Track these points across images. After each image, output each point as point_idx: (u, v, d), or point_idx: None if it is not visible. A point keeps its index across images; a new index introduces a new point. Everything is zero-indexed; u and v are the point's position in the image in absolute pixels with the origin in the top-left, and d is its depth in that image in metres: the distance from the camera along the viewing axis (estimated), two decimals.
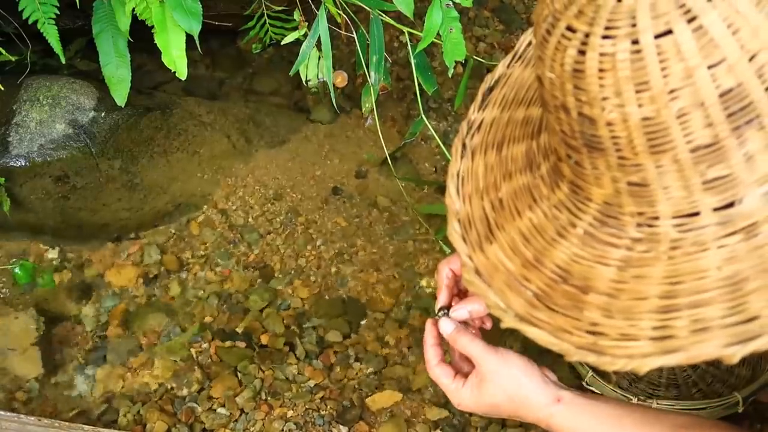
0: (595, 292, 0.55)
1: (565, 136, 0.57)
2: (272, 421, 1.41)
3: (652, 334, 0.51)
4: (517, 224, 0.62)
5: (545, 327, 0.56)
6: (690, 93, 0.50)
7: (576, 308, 0.55)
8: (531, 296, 0.59)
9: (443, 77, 1.70)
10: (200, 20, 1.37)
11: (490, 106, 0.71)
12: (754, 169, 0.51)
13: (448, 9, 1.41)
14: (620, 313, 0.54)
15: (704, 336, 0.49)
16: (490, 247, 0.62)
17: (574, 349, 0.55)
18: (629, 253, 0.55)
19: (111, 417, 1.44)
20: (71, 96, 1.60)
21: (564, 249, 0.58)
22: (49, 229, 1.64)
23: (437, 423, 1.40)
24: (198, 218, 1.68)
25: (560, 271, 0.58)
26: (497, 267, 0.61)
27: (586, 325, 0.55)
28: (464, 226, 0.65)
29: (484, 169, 0.67)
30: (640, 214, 0.55)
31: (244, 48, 1.89)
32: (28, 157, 1.55)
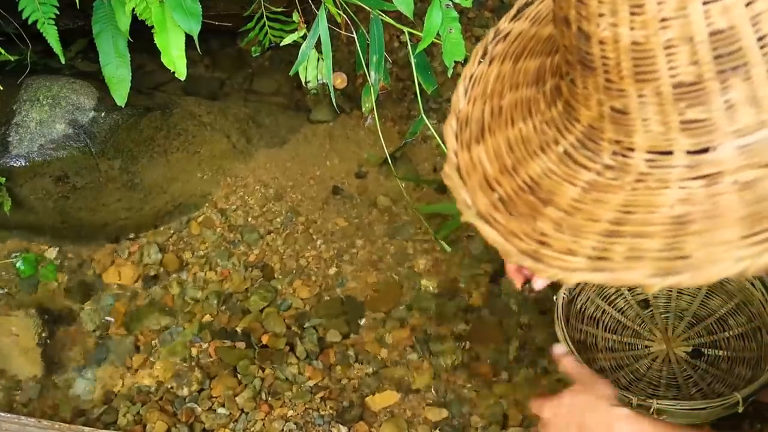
0: (554, 207, 0.57)
1: (565, 52, 0.58)
2: (272, 421, 1.41)
3: (590, 253, 0.54)
4: (507, 132, 0.64)
5: (498, 228, 0.59)
6: (681, 25, 0.50)
7: (532, 218, 0.58)
8: (496, 199, 0.61)
9: (443, 77, 1.69)
10: (200, 20, 1.37)
11: (522, 19, 0.73)
12: (734, 119, 0.52)
13: (448, 9, 1.41)
14: (570, 230, 0.56)
15: (635, 264, 0.51)
16: (476, 147, 0.65)
17: (516, 252, 0.57)
18: (597, 177, 0.57)
19: (111, 417, 1.44)
20: (71, 96, 1.60)
21: (541, 163, 0.60)
22: (49, 229, 1.65)
23: (437, 423, 1.40)
24: (198, 218, 1.68)
25: (531, 182, 0.60)
26: (476, 167, 0.64)
27: (536, 234, 0.57)
28: (461, 125, 0.67)
29: (497, 76, 0.69)
30: (617, 143, 0.56)
31: (244, 48, 1.89)
32: (28, 157, 1.55)
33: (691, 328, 1.43)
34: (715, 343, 1.41)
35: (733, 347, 1.39)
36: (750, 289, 1.37)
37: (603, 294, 1.44)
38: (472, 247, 1.59)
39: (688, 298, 1.44)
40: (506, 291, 1.53)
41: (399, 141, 1.72)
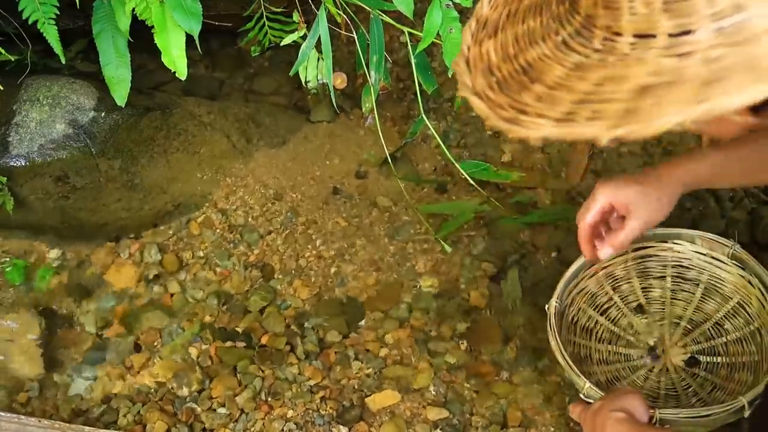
0: (540, 84, 0.62)
1: None
2: (272, 421, 1.41)
3: (559, 117, 0.58)
4: (516, 28, 0.69)
5: (488, 102, 0.65)
6: None
7: (518, 92, 0.63)
8: (493, 81, 0.67)
9: (443, 77, 1.69)
10: (200, 20, 1.37)
11: None
12: (712, 3, 0.54)
13: (448, 9, 1.41)
14: (548, 100, 0.60)
15: (594, 122, 0.56)
16: (487, 42, 0.71)
17: (495, 118, 0.62)
18: (585, 59, 0.61)
19: (111, 417, 1.44)
20: (71, 96, 1.60)
21: (539, 50, 0.65)
22: (50, 228, 1.65)
23: (437, 423, 1.40)
24: (198, 218, 1.68)
25: (526, 65, 0.65)
26: (482, 57, 0.70)
27: (518, 105, 0.62)
28: (479, 26, 0.74)
29: None
30: (607, 28, 0.59)
31: (244, 48, 1.89)
32: (28, 157, 1.55)
33: (688, 335, 1.41)
34: (713, 350, 1.39)
35: (732, 352, 1.37)
36: (747, 288, 1.35)
37: (594, 303, 1.42)
38: (472, 247, 1.59)
39: (682, 304, 1.42)
40: (506, 291, 1.53)
41: (399, 141, 1.72)
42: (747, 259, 1.32)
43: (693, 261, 1.40)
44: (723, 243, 1.35)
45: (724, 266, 1.37)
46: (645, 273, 1.44)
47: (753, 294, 1.35)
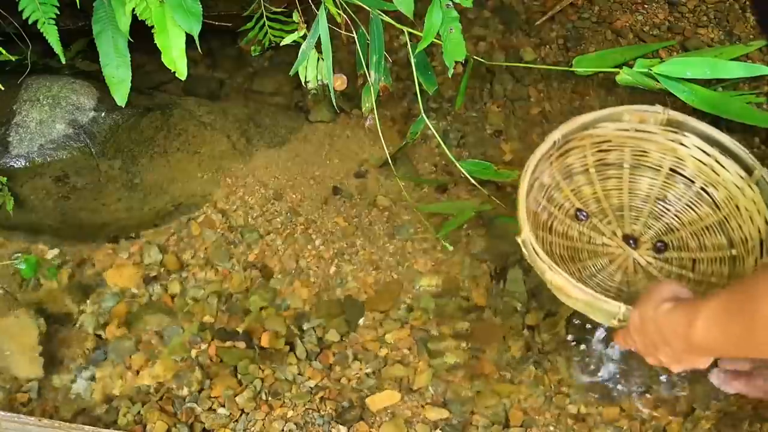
0: None
1: None
2: (272, 421, 1.41)
3: None
4: None
5: None
6: None
7: None
8: None
9: (443, 77, 1.70)
10: (200, 21, 1.37)
11: None
12: None
13: (448, 9, 1.41)
14: None
15: None
16: None
17: None
18: None
19: (111, 417, 1.44)
20: (71, 96, 1.60)
21: None
22: (50, 229, 1.65)
23: (437, 423, 1.40)
24: (198, 218, 1.68)
25: None
26: None
27: None
28: None
29: None
30: None
31: (244, 48, 1.89)
32: (28, 157, 1.55)
33: (651, 227, 1.39)
34: (681, 244, 1.36)
35: (699, 247, 1.36)
36: (677, 151, 1.33)
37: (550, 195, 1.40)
38: (473, 246, 1.59)
39: (615, 193, 1.41)
40: (507, 290, 1.53)
41: (399, 141, 1.72)
42: (684, 120, 1.31)
43: (614, 141, 1.39)
44: (655, 111, 1.34)
45: (652, 136, 1.36)
46: (569, 172, 1.42)
47: (686, 155, 1.33)
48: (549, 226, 1.38)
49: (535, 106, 1.78)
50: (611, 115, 1.36)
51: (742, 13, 1.84)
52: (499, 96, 1.79)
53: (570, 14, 1.91)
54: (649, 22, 1.87)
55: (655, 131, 1.37)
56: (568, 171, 1.42)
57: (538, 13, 1.92)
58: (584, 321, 1.49)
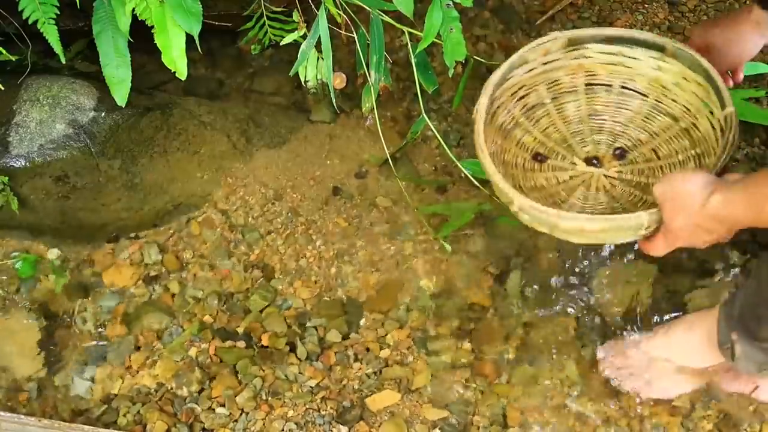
0: None
1: None
2: (272, 421, 1.41)
3: None
4: None
5: None
6: None
7: None
8: None
9: (442, 77, 1.70)
10: (200, 20, 1.37)
11: None
12: None
13: (449, 9, 1.41)
14: None
15: None
16: None
17: None
18: None
19: (111, 417, 1.44)
20: (71, 96, 1.60)
21: None
22: (49, 228, 1.65)
23: (437, 423, 1.40)
24: (198, 218, 1.68)
25: None
26: None
27: None
28: None
29: None
30: None
31: (244, 48, 1.89)
32: (28, 157, 1.55)
33: (624, 156, 1.40)
34: (653, 172, 1.36)
35: (664, 155, 1.37)
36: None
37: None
38: (472, 246, 1.59)
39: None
40: (506, 291, 1.53)
41: (399, 141, 1.72)
42: (581, 33, 1.36)
43: (527, 84, 1.40)
44: (553, 38, 1.36)
45: (558, 63, 1.39)
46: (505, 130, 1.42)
47: (595, 65, 1.36)
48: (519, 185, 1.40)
49: None
50: (516, 61, 1.36)
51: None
52: None
53: (570, 14, 1.91)
54: (649, 22, 1.87)
55: (560, 56, 1.39)
56: (504, 131, 1.41)
57: (538, 13, 1.92)
58: (586, 319, 1.49)
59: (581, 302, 1.51)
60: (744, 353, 1.23)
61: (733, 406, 1.37)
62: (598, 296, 1.51)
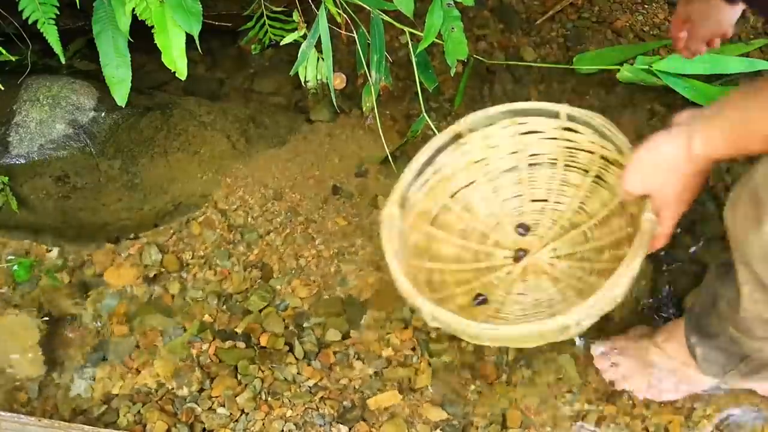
0: None
1: None
2: (272, 421, 1.41)
3: None
4: None
5: None
6: None
7: None
8: None
9: (442, 77, 1.70)
10: (200, 20, 1.37)
11: None
12: None
13: (450, 8, 1.41)
14: None
15: None
16: None
17: None
18: None
19: (111, 417, 1.44)
20: (71, 96, 1.60)
21: None
22: (50, 228, 1.65)
23: (437, 423, 1.40)
24: (198, 218, 1.68)
25: None
26: None
27: None
28: None
29: None
30: None
31: (244, 48, 1.89)
32: (28, 157, 1.55)
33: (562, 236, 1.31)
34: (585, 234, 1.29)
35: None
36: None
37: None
38: None
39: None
40: None
41: (399, 140, 1.72)
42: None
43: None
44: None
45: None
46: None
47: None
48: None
49: None
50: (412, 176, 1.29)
51: (742, 12, 1.84)
52: (499, 96, 1.79)
53: (570, 14, 1.91)
54: (649, 22, 1.87)
55: (449, 159, 1.31)
56: (421, 250, 1.33)
57: (538, 13, 1.92)
58: None
59: None
60: (703, 355, 1.24)
61: (735, 406, 1.37)
62: None
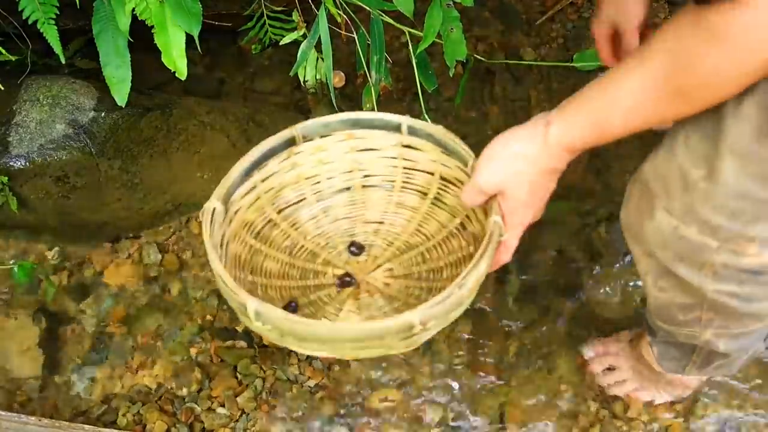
0: None
1: None
2: (272, 421, 1.41)
3: None
4: None
5: None
6: None
7: None
8: None
9: (442, 77, 1.70)
10: (200, 20, 1.37)
11: None
12: None
13: (449, 9, 1.41)
14: None
15: None
16: None
17: None
18: None
19: (111, 417, 1.44)
20: (71, 96, 1.60)
21: None
22: (49, 228, 1.65)
23: (437, 423, 1.40)
24: (198, 218, 1.68)
25: None
26: None
27: None
28: None
29: None
30: None
31: (244, 48, 1.89)
32: (28, 157, 1.55)
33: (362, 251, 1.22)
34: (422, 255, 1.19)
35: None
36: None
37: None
38: None
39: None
40: (505, 290, 1.53)
41: None
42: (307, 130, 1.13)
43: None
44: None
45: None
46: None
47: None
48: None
49: (535, 106, 1.78)
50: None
51: None
52: (499, 96, 1.79)
53: (570, 14, 1.91)
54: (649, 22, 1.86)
55: (276, 168, 1.20)
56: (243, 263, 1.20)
57: (538, 13, 1.92)
58: (584, 320, 1.49)
59: (582, 302, 1.51)
60: (659, 353, 1.24)
61: (735, 407, 1.38)
62: (598, 296, 1.51)
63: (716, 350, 1.12)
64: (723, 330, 1.06)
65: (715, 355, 1.15)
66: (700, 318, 1.04)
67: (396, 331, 0.90)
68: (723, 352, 1.12)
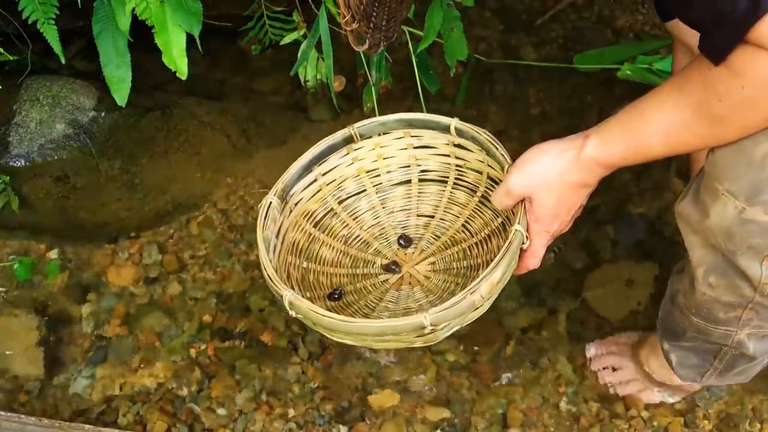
0: None
1: None
2: (272, 420, 1.41)
3: None
4: None
5: None
6: None
7: None
8: None
9: (443, 77, 1.69)
10: (201, 20, 1.37)
11: None
12: None
13: (450, 8, 1.41)
14: None
15: None
16: None
17: None
18: None
19: (111, 417, 1.44)
20: (71, 96, 1.60)
21: None
22: (50, 228, 1.65)
23: (437, 423, 1.40)
24: (198, 218, 1.68)
25: None
26: None
27: None
28: None
29: None
30: None
31: (245, 48, 1.89)
32: (28, 157, 1.55)
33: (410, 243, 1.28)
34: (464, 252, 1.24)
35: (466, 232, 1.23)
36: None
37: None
38: None
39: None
40: (505, 291, 1.53)
41: None
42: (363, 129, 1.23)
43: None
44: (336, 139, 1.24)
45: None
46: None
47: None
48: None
49: (535, 106, 1.78)
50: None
51: None
52: (500, 96, 1.79)
53: (570, 14, 1.91)
54: (650, 22, 1.87)
55: (337, 162, 1.28)
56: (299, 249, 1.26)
57: (538, 13, 1.92)
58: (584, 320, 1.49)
59: (582, 302, 1.51)
60: (678, 361, 1.23)
61: (734, 405, 1.38)
62: (599, 296, 1.51)
63: (745, 353, 1.12)
64: (757, 330, 1.06)
65: (740, 359, 1.16)
66: (740, 317, 1.04)
67: (409, 331, 0.98)
68: (750, 355, 1.12)
